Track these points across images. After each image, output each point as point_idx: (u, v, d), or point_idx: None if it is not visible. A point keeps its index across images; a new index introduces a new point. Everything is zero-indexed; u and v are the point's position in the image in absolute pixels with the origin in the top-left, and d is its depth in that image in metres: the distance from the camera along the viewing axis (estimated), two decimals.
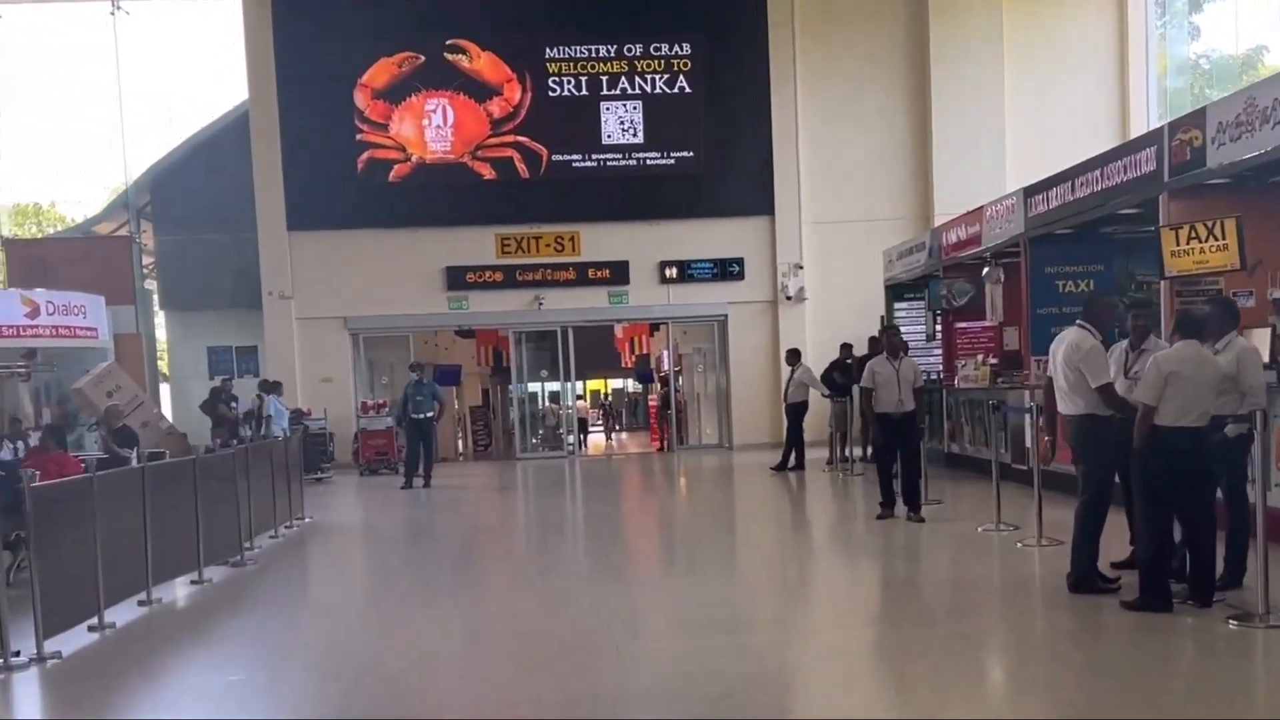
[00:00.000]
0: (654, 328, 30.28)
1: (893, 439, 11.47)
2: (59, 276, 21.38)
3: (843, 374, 18.25)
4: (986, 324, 16.86)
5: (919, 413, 11.66)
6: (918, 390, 11.44)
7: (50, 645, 6.70)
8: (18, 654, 6.57)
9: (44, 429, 11.38)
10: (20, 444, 11.47)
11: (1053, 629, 7.08)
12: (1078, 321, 7.60)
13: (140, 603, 8.17)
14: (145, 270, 25.60)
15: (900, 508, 11.36)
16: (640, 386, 48.84)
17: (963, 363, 16.43)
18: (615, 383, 49.92)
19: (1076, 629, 6.88)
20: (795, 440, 17.82)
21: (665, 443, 26.65)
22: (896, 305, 19.94)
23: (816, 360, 19.37)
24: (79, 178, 55.57)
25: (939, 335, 17.99)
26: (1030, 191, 13.86)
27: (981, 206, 15.70)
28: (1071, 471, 11.83)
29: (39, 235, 30.76)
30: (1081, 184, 12.42)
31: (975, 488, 13.62)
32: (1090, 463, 7.49)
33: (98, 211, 25.35)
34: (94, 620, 7.38)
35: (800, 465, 17.76)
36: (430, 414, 17.91)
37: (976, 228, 15.66)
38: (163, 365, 26.76)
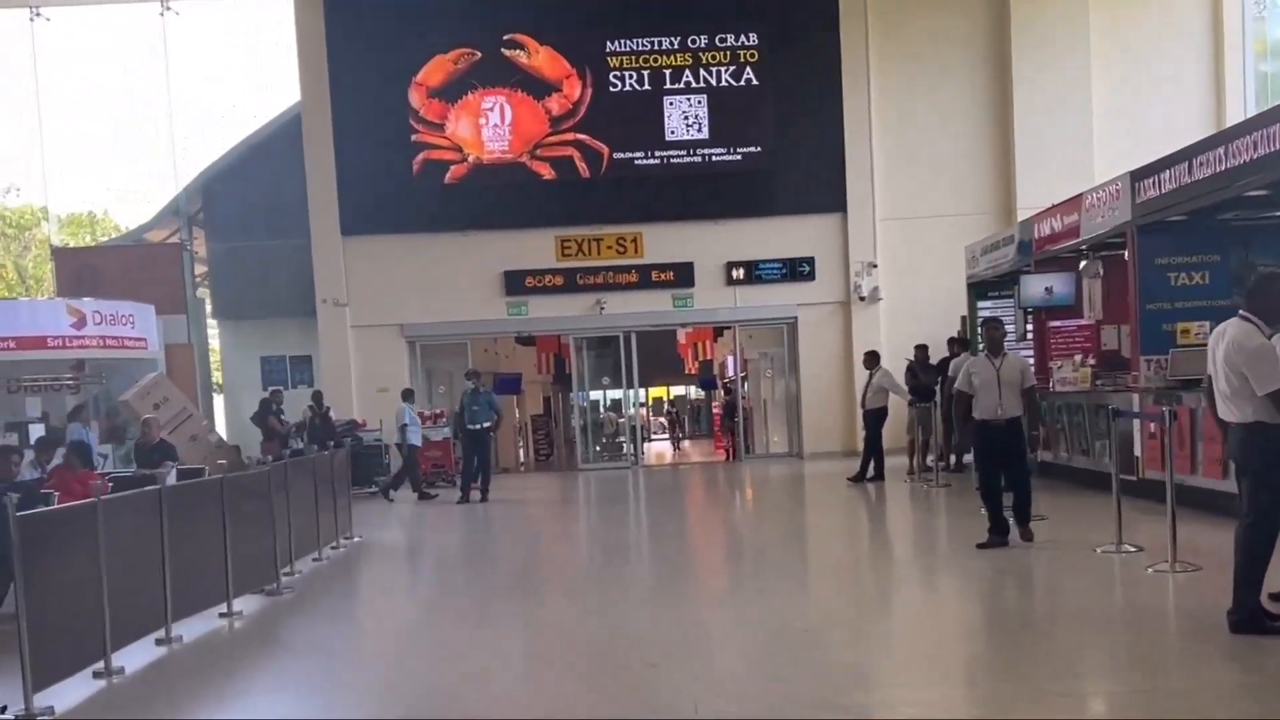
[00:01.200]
0: (718, 332, 29.33)
1: (992, 451, 10.25)
2: (109, 286, 20.86)
3: (922, 376, 17.12)
4: (1082, 322, 15.63)
5: (1032, 418, 10.29)
6: (1027, 391, 10.00)
7: (45, 699, 5.80)
8: (3, 710, 5.68)
9: (68, 446, 10.59)
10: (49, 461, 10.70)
11: (1226, 683, 5.79)
12: (1240, 312, 6.38)
13: (158, 641, 7.30)
14: (198, 279, 25.03)
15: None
16: (703, 394, 48.15)
17: (1058, 364, 15.20)
18: (677, 389, 48.99)
19: (1254, 683, 5.69)
20: (874, 449, 16.69)
21: (731, 452, 25.64)
22: (980, 304, 18.71)
23: (891, 365, 18.14)
24: (131, 185, 55.78)
25: (1030, 335, 16.73)
26: (1138, 176, 12.61)
27: (1080, 195, 14.47)
28: (1201, 485, 10.82)
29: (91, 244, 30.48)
30: (1201, 164, 11.15)
31: (1078, 501, 12.46)
32: (1258, 479, 6.26)
33: (149, 219, 24.79)
34: (100, 665, 6.49)
35: (880, 475, 16.64)
36: (487, 424, 17.03)
37: (1074, 218, 14.42)
38: (217, 376, 26.19)
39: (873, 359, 16.91)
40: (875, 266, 21.96)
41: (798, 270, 22.13)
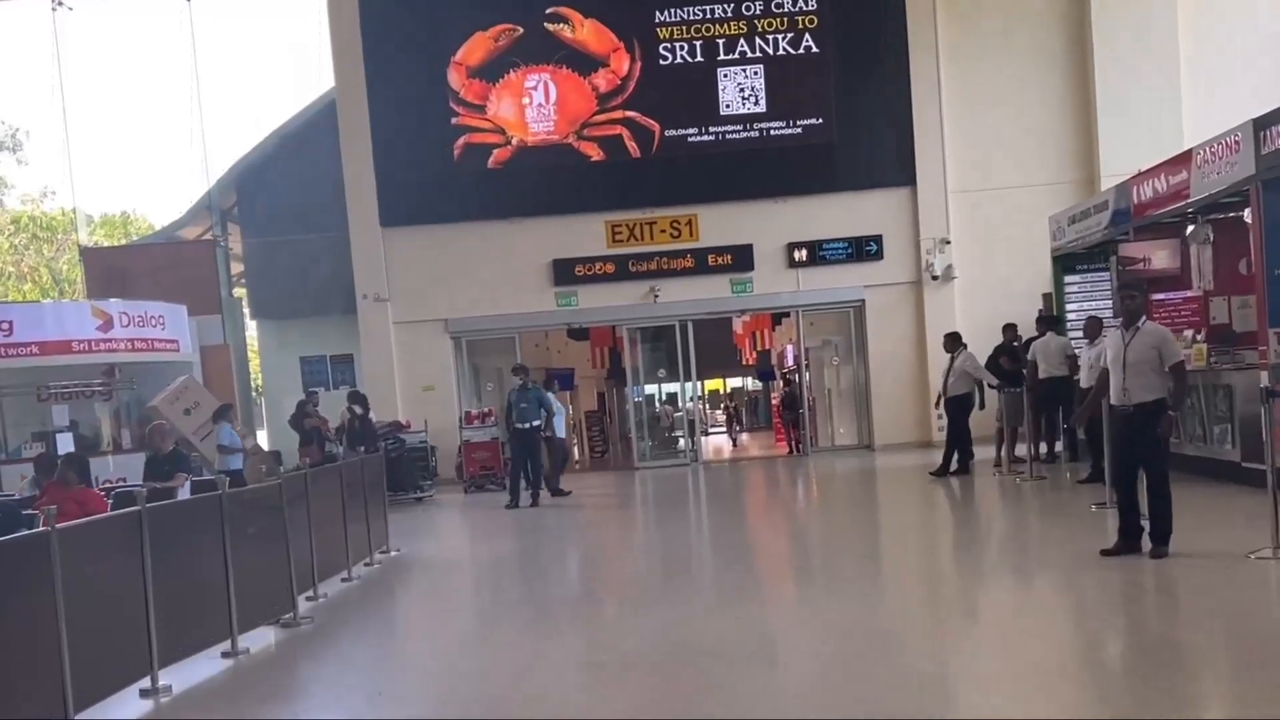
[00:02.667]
0: (776, 320, 28.04)
1: (1118, 441, 8.84)
2: (140, 286, 19.95)
3: (1011, 359, 15.67)
4: (1190, 294, 14.10)
5: (1178, 399, 8.65)
6: (1174, 368, 8.36)
7: None
8: None
9: (63, 458, 9.47)
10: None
11: None
12: None
13: (143, 693, 6.11)
14: (235, 278, 24.08)
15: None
16: (760, 385, 46.69)
17: None
18: (733, 381, 47.56)
19: None
20: (959, 440, 15.27)
21: (794, 445, 24.27)
22: (1067, 279, 17.18)
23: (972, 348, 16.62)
24: (162, 181, 55.21)
25: None
26: (1263, 123, 11.09)
27: (1188, 151, 12.96)
28: None
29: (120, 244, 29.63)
30: None
31: (1201, 494, 10.93)
32: None
33: (180, 215, 23.84)
34: None
35: (965, 468, 15.23)
36: (536, 423, 15.80)
37: (1182, 176, 12.89)
38: (258, 378, 25.24)
39: (954, 341, 15.46)
40: (948, 243, 20.52)
41: (864, 249, 20.72)
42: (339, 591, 9.26)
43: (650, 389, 26.04)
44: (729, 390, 45.40)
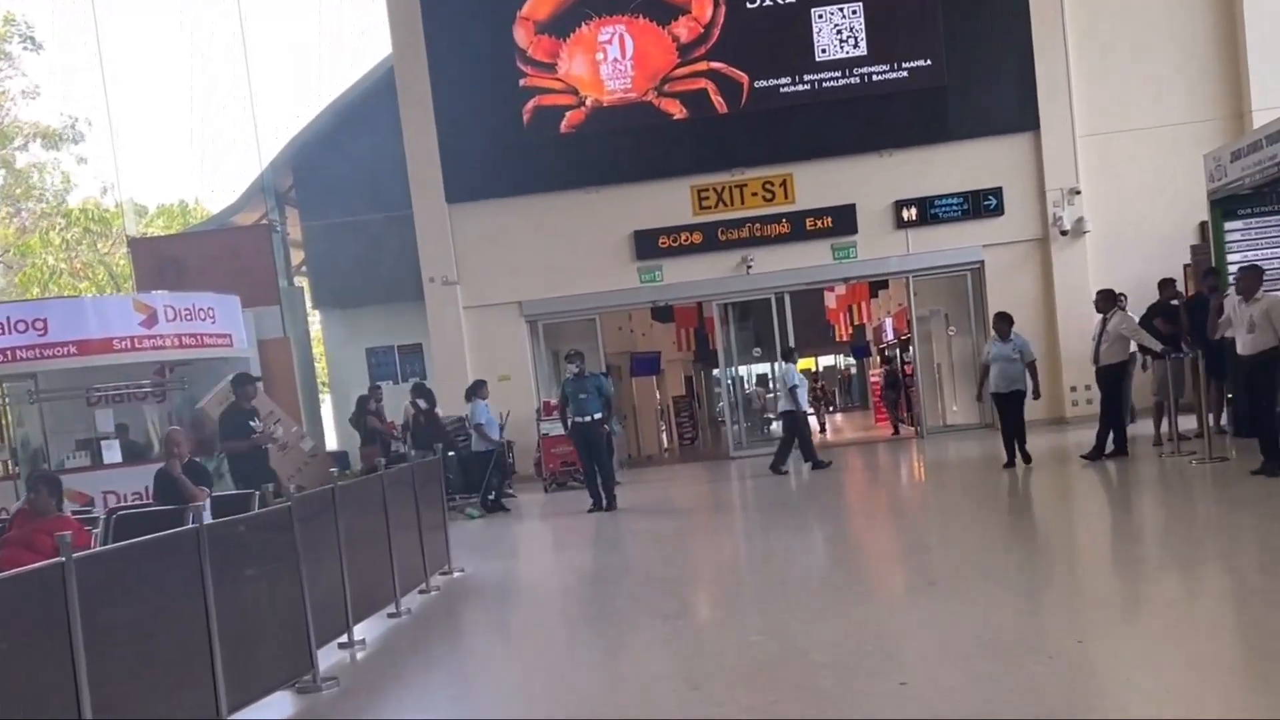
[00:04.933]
0: (873, 291, 25.95)
1: None
2: (195, 278, 18.41)
3: (1167, 321, 13.42)
4: None
5: None
6: None
7: None
8: None
9: (32, 478, 7.71)
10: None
11: None
12: None
13: None
14: (296, 267, 22.56)
15: None
16: (853, 363, 44.27)
17: None
18: (825, 360, 45.26)
19: None
20: (1115, 416, 13.03)
21: (899, 425, 22.59)
22: (1228, 226, 14.76)
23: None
24: (218, 167, 54.10)
25: None
26: None
27: None
28: None
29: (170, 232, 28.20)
30: None
31: None
32: None
33: (234, 200, 22.32)
34: None
35: (1123, 449, 13.00)
36: (598, 415, 13.90)
37: None
38: (324, 372, 23.74)
39: (1109, 299, 13.16)
40: (1078, 193, 18.27)
41: (982, 205, 18.52)
42: (381, 634, 7.38)
43: (744, 370, 24.12)
44: (819, 369, 43.09)
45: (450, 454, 15.92)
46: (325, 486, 6.95)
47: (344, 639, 6.83)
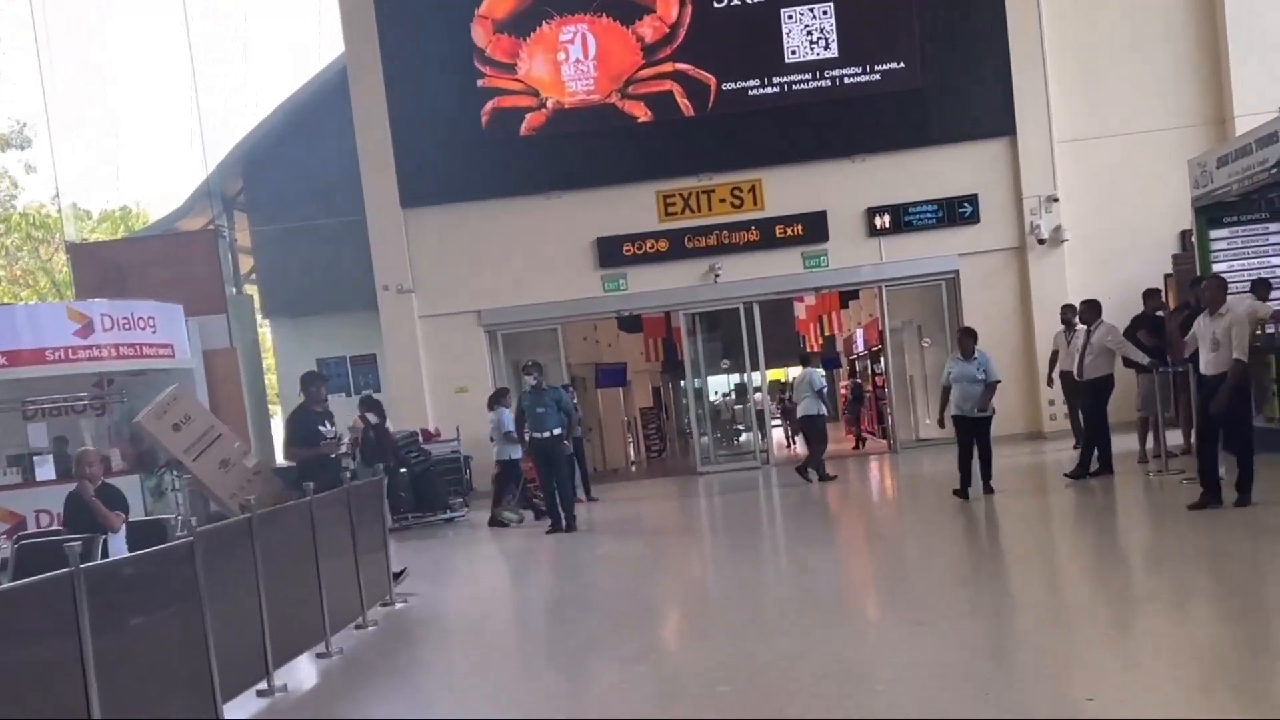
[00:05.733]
0: (844, 301, 25.36)
1: None
2: (137, 285, 17.58)
3: (1152, 334, 12.84)
4: None
5: None
6: None
7: None
8: None
9: None
10: None
11: None
12: None
13: None
14: (246, 274, 21.69)
15: None
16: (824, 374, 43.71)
17: None
18: (794, 372, 44.67)
19: None
20: (1099, 433, 12.40)
21: (862, 439, 22.20)
22: (1213, 234, 14.22)
23: None
24: (164, 171, 52.62)
25: None
26: None
27: None
28: None
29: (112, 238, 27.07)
30: None
31: None
32: None
33: (180, 205, 21.38)
34: None
35: (1108, 467, 12.37)
36: (557, 430, 13.16)
37: None
38: (274, 384, 22.86)
39: (1094, 311, 12.54)
40: (1056, 200, 17.75)
41: (958, 212, 17.97)
42: (307, 678, 6.61)
43: (713, 381, 23.47)
44: (786, 381, 42.29)
45: (402, 471, 15.17)
46: (213, 526, 6.15)
47: (263, 685, 6.04)
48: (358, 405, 15.14)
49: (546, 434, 13.17)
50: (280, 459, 19.71)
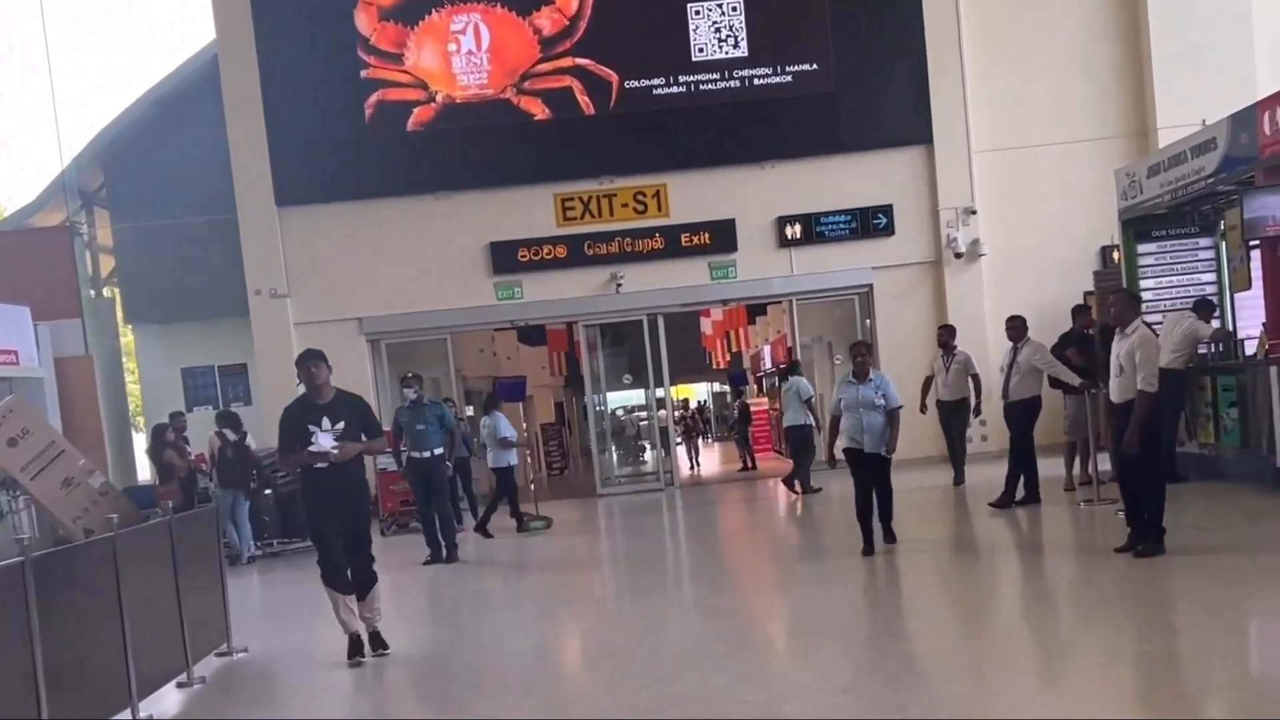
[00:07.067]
0: (751, 317, 24.49)
1: None
2: None
3: (1080, 353, 11.99)
4: None
5: None
6: None
7: None
8: None
9: None
10: None
11: None
12: None
13: None
14: (107, 276, 20.03)
15: None
16: (730, 390, 42.81)
17: None
18: (699, 388, 43.83)
19: None
20: (1025, 458, 11.48)
21: (750, 460, 21.26)
22: (1140, 249, 13.45)
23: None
24: (20, 163, 49.83)
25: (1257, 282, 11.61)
26: None
27: None
28: None
29: None
30: None
31: None
32: None
33: (33, 199, 19.62)
34: None
35: (1034, 495, 11.47)
36: (438, 450, 11.96)
37: None
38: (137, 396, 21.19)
39: (1020, 328, 11.64)
40: (974, 213, 16.98)
41: (872, 223, 17.14)
42: None
43: (612, 398, 22.36)
44: (683, 400, 41.29)
45: (267, 492, 13.81)
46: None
47: None
48: (215, 420, 13.72)
49: (426, 453, 11.97)
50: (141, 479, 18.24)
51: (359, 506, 7.49)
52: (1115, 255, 15.83)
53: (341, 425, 7.40)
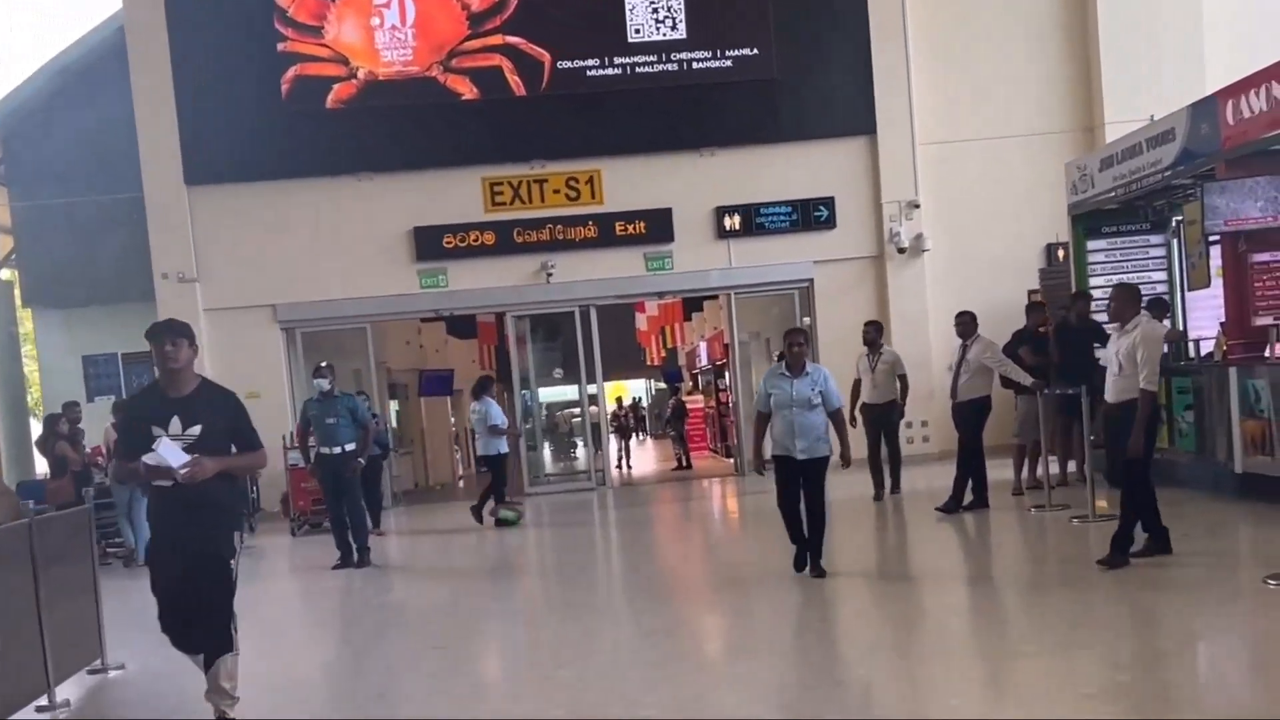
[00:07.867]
0: (688, 313, 23.85)
1: None
2: None
3: (1034, 352, 11.51)
4: None
5: None
6: None
7: None
8: None
9: None
10: None
11: None
12: None
13: None
14: (3, 256, 18.91)
15: None
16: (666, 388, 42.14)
17: None
18: (634, 385, 43.18)
19: None
20: (973, 461, 10.93)
21: (684, 459, 21.13)
22: (1090, 245, 12.98)
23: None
24: None
25: (1217, 280, 11.15)
26: None
27: None
28: None
29: None
30: None
31: None
32: None
33: None
34: None
35: (983, 500, 10.93)
36: (349, 446, 11.14)
37: None
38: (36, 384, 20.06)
39: (970, 324, 11.08)
40: (917, 207, 16.47)
41: (813, 215, 16.55)
42: None
43: (545, 393, 21.66)
44: (618, 398, 40.59)
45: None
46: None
47: None
48: (112, 410, 12.72)
49: (336, 449, 11.12)
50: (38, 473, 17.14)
51: (209, 538, 5.34)
52: (1060, 254, 15.42)
53: (197, 430, 5.29)
